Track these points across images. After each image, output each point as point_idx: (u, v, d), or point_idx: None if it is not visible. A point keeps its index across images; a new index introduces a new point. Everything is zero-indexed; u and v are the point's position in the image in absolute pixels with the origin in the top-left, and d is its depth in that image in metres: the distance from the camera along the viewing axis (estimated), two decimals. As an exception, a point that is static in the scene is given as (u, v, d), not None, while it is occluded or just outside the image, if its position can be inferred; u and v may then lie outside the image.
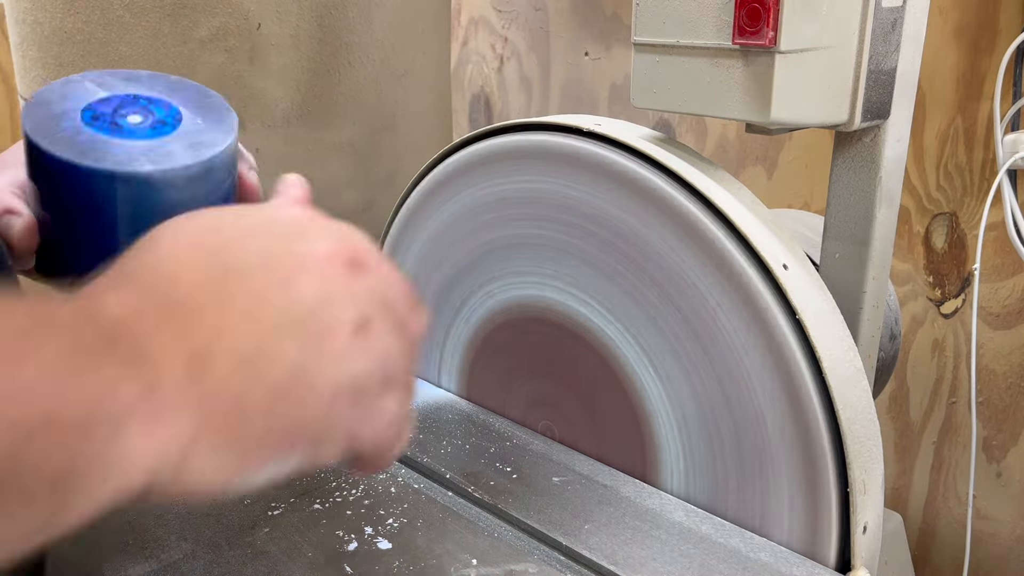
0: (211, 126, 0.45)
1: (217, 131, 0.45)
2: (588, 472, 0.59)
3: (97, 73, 0.47)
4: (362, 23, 0.84)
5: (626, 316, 0.57)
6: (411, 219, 0.70)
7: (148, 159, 0.41)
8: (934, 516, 1.05)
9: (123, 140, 0.42)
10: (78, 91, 0.45)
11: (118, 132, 0.43)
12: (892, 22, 0.54)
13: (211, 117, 0.46)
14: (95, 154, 0.41)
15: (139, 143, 0.42)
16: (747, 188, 0.56)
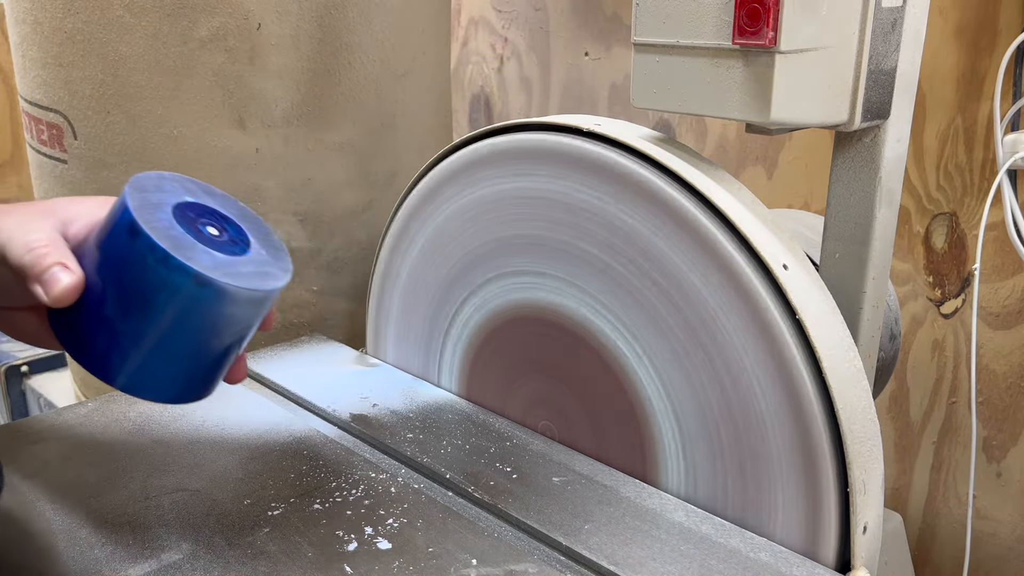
0: (272, 260, 0.48)
1: (277, 267, 0.48)
2: (588, 472, 0.59)
3: (182, 177, 0.49)
4: (362, 23, 0.84)
5: (626, 316, 0.57)
6: (411, 219, 0.70)
7: (225, 273, 0.44)
8: (934, 516, 1.05)
9: (206, 248, 0.45)
10: (170, 187, 0.47)
11: (200, 239, 0.45)
12: (892, 22, 0.54)
13: (272, 252, 0.49)
14: (184, 252, 0.43)
15: (218, 255, 0.45)
16: (747, 188, 0.56)
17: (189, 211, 0.47)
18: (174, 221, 0.45)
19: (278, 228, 0.85)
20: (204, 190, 0.50)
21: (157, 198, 0.46)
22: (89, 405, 0.67)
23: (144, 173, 0.47)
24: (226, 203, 0.50)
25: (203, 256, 0.44)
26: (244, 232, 0.49)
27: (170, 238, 0.43)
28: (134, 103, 0.80)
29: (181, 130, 0.80)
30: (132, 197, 0.44)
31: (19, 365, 1.30)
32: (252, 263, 0.47)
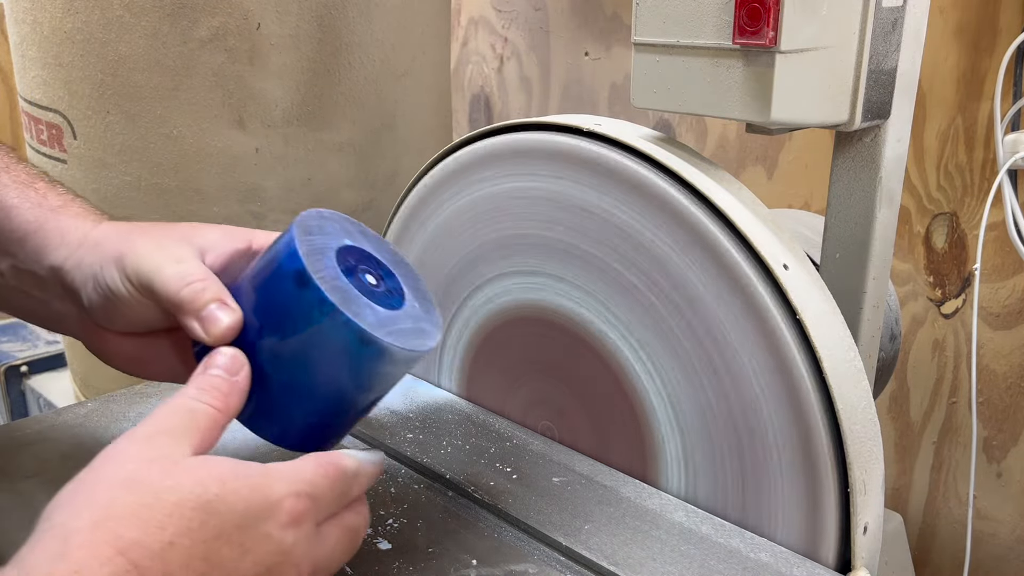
0: (424, 314, 0.47)
1: (430, 322, 0.46)
2: (588, 472, 0.59)
3: (339, 216, 0.47)
4: (362, 23, 0.84)
5: (626, 315, 0.57)
6: (411, 219, 0.70)
7: (388, 332, 0.42)
8: (934, 516, 1.05)
9: (368, 301, 0.43)
10: (331, 228, 0.46)
11: (362, 290, 0.43)
12: (892, 22, 0.54)
13: (423, 304, 0.47)
14: (350, 307, 0.42)
15: (379, 310, 0.43)
16: (747, 188, 0.56)
17: (349, 256, 0.45)
18: (338, 270, 0.43)
19: (277, 228, 0.85)
20: (360, 230, 0.48)
21: (321, 242, 0.44)
22: (89, 405, 0.67)
23: (307, 212, 0.45)
24: (380, 246, 0.48)
25: (367, 311, 0.42)
26: (398, 281, 0.47)
27: (337, 290, 0.42)
28: (134, 103, 0.80)
29: (181, 130, 0.80)
30: (301, 242, 0.42)
31: (18, 365, 1.30)
32: (409, 318, 0.45)
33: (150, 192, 0.82)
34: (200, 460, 0.37)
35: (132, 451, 0.36)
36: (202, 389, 0.41)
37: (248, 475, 0.37)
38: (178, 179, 0.82)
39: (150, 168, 0.82)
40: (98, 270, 0.46)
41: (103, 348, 0.50)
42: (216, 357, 0.42)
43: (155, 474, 0.35)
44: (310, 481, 0.39)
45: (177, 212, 0.82)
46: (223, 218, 0.83)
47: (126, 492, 0.34)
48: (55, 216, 0.49)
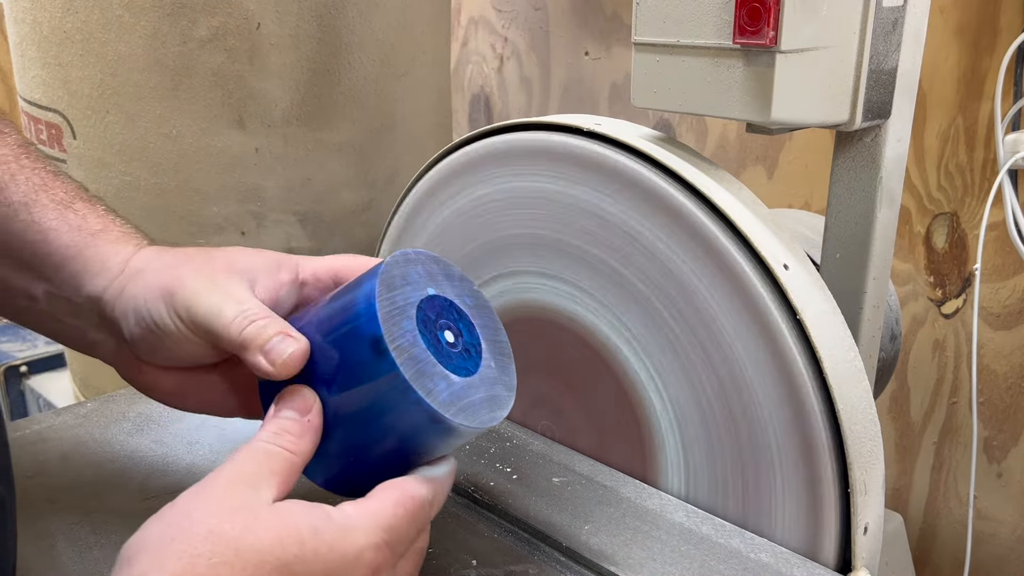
0: (499, 373, 0.45)
1: (503, 384, 0.45)
2: (588, 473, 0.59)
3: (425, 256, 0.45)
4: (362, 23, 0.83)
5: (626, 315, 0.57)
6: (410, 219, 0.70)
7: (459, 409, 0.41)
8: (935, 516, 1.05)
9: (443, 369, 0.41)
10: (415, 276, 0.43)
11: (439, 353, 0.42)
12: (893, 22, 0.54)
13: (499, 361, 0.45)
14: (424, 382, 0.40)
15: (454, 380, 0.41)
16: (747, 188, 0.56)
17: (430, 310, 0.43)
18: (417, 333, 0.41)
19: (278, 228, 0.85)
20: (444, 272, 0.46)
21: (403, 298, 0.42)
22: (88, 405, 0.67)
23: (394, 258, 0.43)
24: (462, 288, 0.46)
25: (441, 385, 0.41)
26: (477, 334, 0.45)
27: (413, 361, 0.40)
28: (133, 103, 0.80)
29: (180, 130, 0.80)
30: (382, 302, 0.41)
31: (18, 365, 1.30)
32: (484, 384, 0.43)
33: (150, 192, 0.82)
34: (280, 515, 0.36)
35: (215, 499, 0.36)
36: (276, 433, 0.40)
37: (327, 530, 0.37)
38: (178, 179, 0.82)
39: (150, 168, 0.81)
40: (141, 303, 0.45)
41: (141, 379, 0.48)
42: (287, 396, 0.42)
43: (237, 528, 0.35)
44: (388, 527, 0.39)
45: (177, 212, 0.82)
46: (223, 218, 0.83)
47: (209, 546, 0.34)
48: (95, 241, 0.47)
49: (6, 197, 0.46)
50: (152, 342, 0.45)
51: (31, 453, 0.61)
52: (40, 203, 0.47)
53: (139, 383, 0.49)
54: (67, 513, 0.54)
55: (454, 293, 0.45)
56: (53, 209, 0.47)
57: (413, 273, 0.43)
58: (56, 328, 0.49)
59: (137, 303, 0.45)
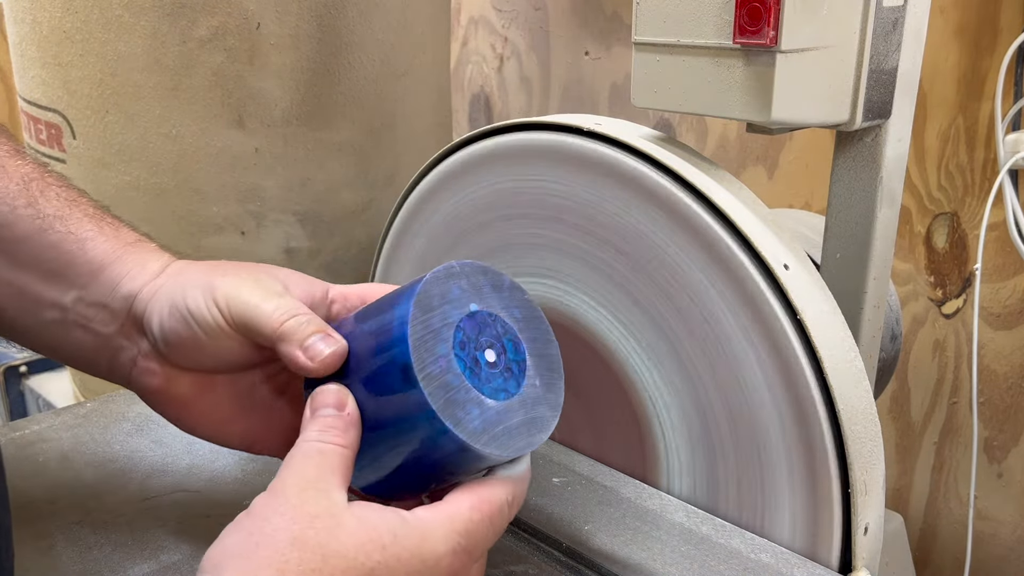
0: (544, 392, 0.43)
1: (547, 404, 0.43)
2: (588, 473, 0.59)
3: (472, 267, 0.44)
4: (362, 23, 0.83)
5: (626, 315, 0.57)
6: (411, 219, 0.70)
7: (492, 437, 0.40)
8: (935, 517, 1.05)
9: (478, 394, 0.41)
10: (457, 292, 0.42)
11: (475, 376, 0.41)
12: (893, 21, 0.54)
13: (546, 377, 0.44)
14: (454, 411, 0.39)
15: (488, 406, 0.41)
16: (748, 188, 0.56)
17: (471, 328, 0.42)
18: (452, 358, 0.40)
19: (277, 228, 0.85)
20: (492, 284, 0.44)
21: (441, 318, 0.41)
22: (88, 405, 0.67)
23: (435, 273, 0.42)
24: (511, 299, 0.45)
25: (474, 412, 0.40)
26: (523, 348, 0.44)
27: (443, 388, 0.39)
28: (133, 102, 0.80)
29: (180, 129, 0.80)
30: (414, 326, 0.40)
31: (17, 365, 1.30)
32: (524, 406, 0.42)
33: (149, 192, 0.82)
34: (360, 520, 0.37)
35: (292, 506, 0.37)
36: (321, 430, 0.40)
37: (407, 535, 0.37)
38: (177, 179, 0.81)
39: (149, 168, 0.81)
40: (179, 295, 0.45)
41: (156, 386, 0.47)
42: (319, 397, 0.42)
43: (321, 535, 0.36)
44: (465, 531, 0.39)
45: (176, 212, 0.82)
46: (222, 218, 0.83)
47: (296, 552, 0.35)
48: (134, 248, 0.48)
49: (39, 210, 0.47)
50: (183, 335, 0.45)
51: (31, 453, 0.61)
52: (74, 216, 0.47)
53: (153, 390, 0.48)
54: (67, 513, 0.54)
55: (501, 306, 0.44)
56: (88, 220, 0.48)
57: (455, 289, 0.43)
58: (76, 340, 0.47)
59: (174, 296, 0.45)
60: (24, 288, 0.46)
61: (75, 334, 0.47)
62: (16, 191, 0.47)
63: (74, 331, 0.47)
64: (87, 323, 0.47)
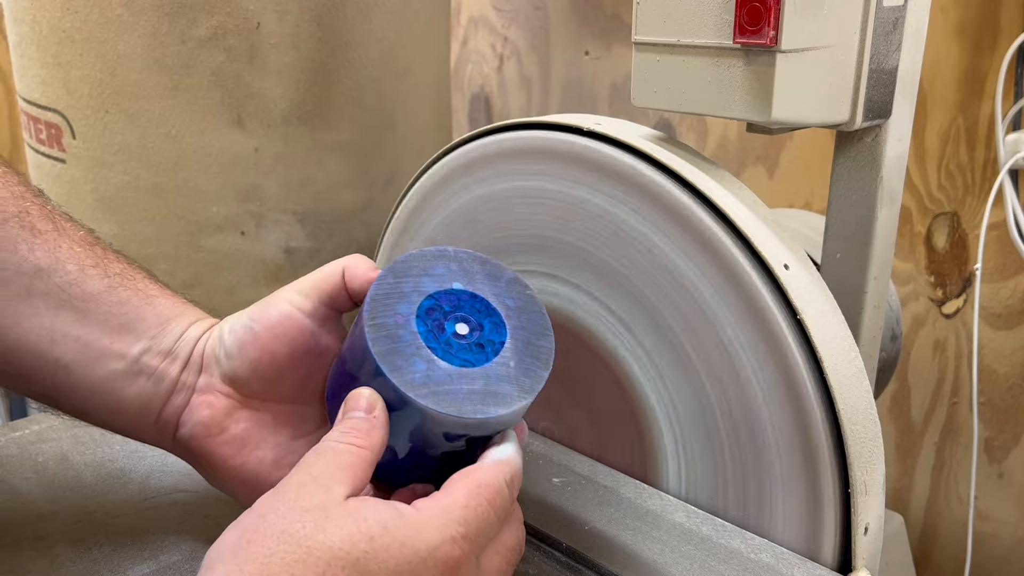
0: (515, 375, 0.43)
1: (514, 385, 0.43)
2: (588, 473, 0.59)
3: (472, 256, 0.45)
4: (361, 22, 0.83)
5: (626, 315, 0.57)
6: (410, 219, 0.70)
7: (431, 391, 0.40)
8: (935, 517, 1.05)
9: (430, 354, 0.41)
10: (442, 270, 0.44)
11: (435, 340, 0.42)
12: (893, 21, 0.54)
13: (523, 364, 0.44)
14: (394, 359, 0.41)
15: (440, 366, 0.41)
16: (748, 187, 0.56)
17: (448, 301, 0.43)
18: (413, 317, 0.42)
19: (277, 228, 0.85)
20: (489, 273, 0.45)
21: (412, 285, 0.43)
22: (88, 405, 0.67)
23: (420, 251, 0.44)
24: (508, 289, 0.46)
25: (418, 365, 0.41)
26: (504, 333, 0.44)
27: (390, 338, 0.41)
28: (133, 102, 0.80)
29: (180, 129, 0.80)
30: (380, 284, 0.42)
31: (18, 365, 1.30)
32: (486, 378, 0.42)
33: (149, 191, 0.82)
34: (349, 511, 0.37)
35: (287, 501, 0.37)
36: (343, 431, 0.41)
37: (398, 526, 0.37)
38: (177, 178, 0.81)
39: (149, 167, 0.81)
40: (235, 318, 0.48)
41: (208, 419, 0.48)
42: (351, 401, 0.42)
43: (308, 527, 0.36)
44: (462, 519, 0.38)
45: (176, 211, 0.82)
46: (222, 218, 0.83)
47: (282, 546, 0.35)
48: (194, 307, 0.52)
49: (106, 270, 0.49)
50: (244, 340, 0.47)
51: (31, 453, 0.61)
52: (138, 276, 0.50)
53: (206, 423, 0.48)
54: (67, 513, 0.54)
55: (492, 292, 0.45)
56: (150, 281, 0.51)
57: (441, 268, 0.44)
58: (138, 388, 0.48)
59: (233, 319, 0.49)
60: (91, 342, 0.47)
61: (138, 383, 0.48)
62: (83, 253, 0.49)
63: (138, 380, 0.48)
64: (152, 372, 0.48)
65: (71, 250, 0.48)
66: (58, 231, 0.49)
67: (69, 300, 0.47)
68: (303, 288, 0.48)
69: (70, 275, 0.47)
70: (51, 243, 0.48)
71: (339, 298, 0.48)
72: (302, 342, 0.47)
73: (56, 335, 0.46)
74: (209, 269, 0.84)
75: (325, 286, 0.48)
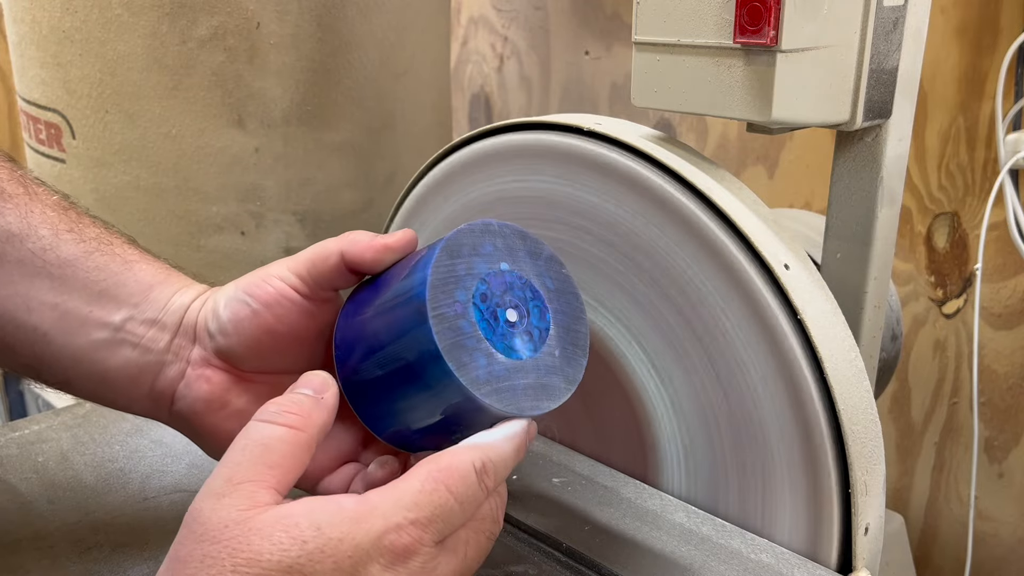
0: (561, 364, 0.43)
1: (562, 376, 0.43)
2: (588, 473, 0.59)
3: (510, 229, 0.44)
4: (361, 22, 0.83)
5: (626, 315, 0.57)
6: (410, 219, 0.70)
7: (495, 389, 0.40)
8: (936, 517, 1.05)
9: (490, 347, 0.40)
10: (489, 248, 0.43)
11: (491, 330, 0.41)
12: (893, 21, 0.54)
13: (567, 351, 0.44)
14: (459, 355, 0.39)
15: (498, 360, 0.40)
16: (748, 187, 0.56)
17: (498, 285, 0.42)
18: (470, 305, 0.41)
19: (277, 228, 0.85)
20: (530, 250, 0.44)
21: (466, 267, 0.41)
22: (88, 406, 0.67)
23: (469, 226, 0.42)
24: (548, 268, 0.45)
25: (480, 361, 0.40)
26: (548, 317, 0.43)
27: (454, 330, 0.40)
28: (133, 102, 0.80)
29: (180, 129, 0.80)
30: (436, 268, 0.40)
31: (18, 365, 1.30)
32: (536, 370, 0.42)
33: (149, 191, 0.82)
34: (278, 517, 0.34)
35: (207, 515, 0.35)
36: (280, 410, 0.38)
37: (335, 523, 0.35)
38: (177, 179, 0.81)
39: (149, 167, 0.81)
40: (231, 289, 0.46)
41: (207, 393, 0.46)
42: (304, 377, 0.41)
43: (231, 544, 0.33)
44: (415, 504, 0.36)
45: (176, 211, 0.82)
46: (222, 218, 0.83)
47: (205, 571, 0.33)
48: (178, 272, 0.49)
49: (81, 234, 0.47)
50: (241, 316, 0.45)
51: (31, 453, 0.61)
52: (116, 241, 0.48)
53: (204, 398, 0.46)
54: (67, 513, 0.54)
55: (534, 272, 0.44)
56: (129, 245, 0.48)
57: (488, 245, 0.43)
58: (123, 359, 0.46)
59: (227, 291, 0.46)
60: (70, 310, 0.45)
61: (123, 353, 0.46)
62: (56, 217, 0.46)
63: (122, 349, 0.46)
64: (138, 341, 0.46)
65: (44, 215, 0.46)
66: (30, 195, 0.46)
67: (44, 267, 0.45)
68: (297, 268, 0.45)
69: (43, 240, 0.45)
70: (23, 207, 0.45)
71: (336, 278, 0.45)
72: (299, 320, 0.46)
73: (32, 303, 0.44)
74: (209, 269, 0.84)
75: (322, 267, 0.45)
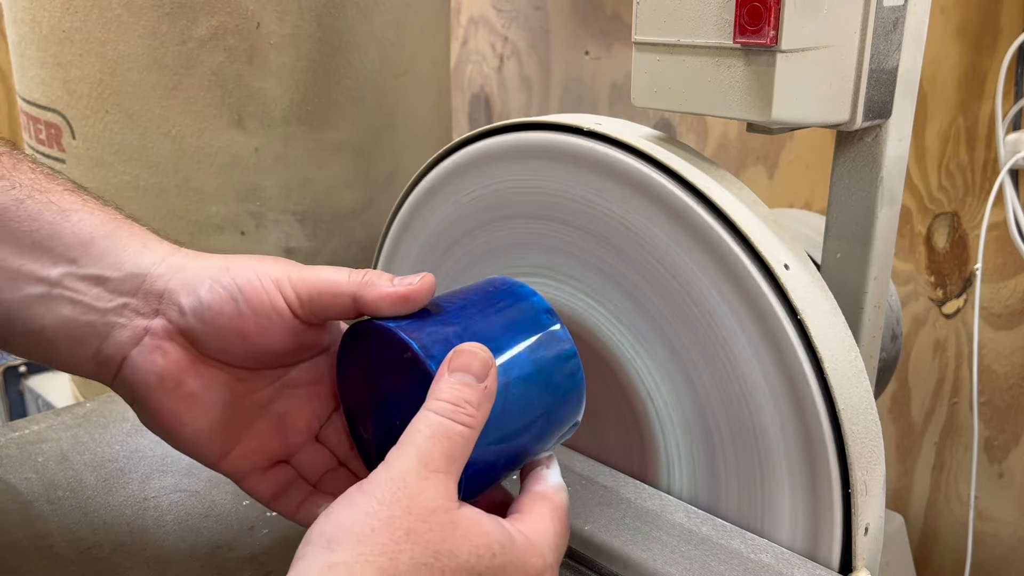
0: None
1: None
2: (588, 473, 0.59)
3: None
4: (361, 22, 0.83)
5: (626, 315, 0.57)
6: (410, 219, 0.70)
7: None
8: (936, 517, 1.05)
9: None
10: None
11: None
12: (893, 21, 0.54)
13: None
14: None
15: None
16: (748, 187, 0.56)
17: None
18: None
19: (277, 228, 0.85)
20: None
21: None
22: (88, 406, 0.67)
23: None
24: None
25: None
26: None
27: None
28: (132, 102, 0.80)
29: (180, 129, 0.80)
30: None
31: (17, 365, 1.30)
32: None
33: (149, 191, 0.82)
34: (473, 523, 0.37)
35: (408, 495, 0.36)
36: (455, 405, 0.38)
37: (513, 548, 0.38)
38: (177, 178, 0.81)
39: (149, 167, 0.81)
40: (221, 274, 0.42)
41: (162, 368, 0.43)
42: (464, 356, 0.39)
43: (435, 531, 0.36)
44: (555, 546, 0.40)
45: (176, 212, 0.82)
46: (222, 218, 0.83)
47: (410, 545, 0.35)
48: (127, 226, 0.44)
49: (13, 181, 0.42)
50: (226, 312, 0.42)
51: (31, 453, 0.61)
52: (54, 189, 0.43)
53: (158, 372, 0.42)
54: (67, 513, 0.54)
55: None
56: (69, 193, 0.44)
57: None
58: (63, 316, 0.42)
59: (213, 272, 0.43)
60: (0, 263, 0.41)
61: (62, 310, 0.42)
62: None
63: (61, 306, 0.42)
64: (78, 297, 0.42)
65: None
66: None
67: None
68: (300, 288, 0.43)
69: None
70: None
71: (338, 315, 0.44)
72: (279, 335, 0.43)
73: None
74: (209, 269, 0.84)
75: (328, 302, 0.43)
